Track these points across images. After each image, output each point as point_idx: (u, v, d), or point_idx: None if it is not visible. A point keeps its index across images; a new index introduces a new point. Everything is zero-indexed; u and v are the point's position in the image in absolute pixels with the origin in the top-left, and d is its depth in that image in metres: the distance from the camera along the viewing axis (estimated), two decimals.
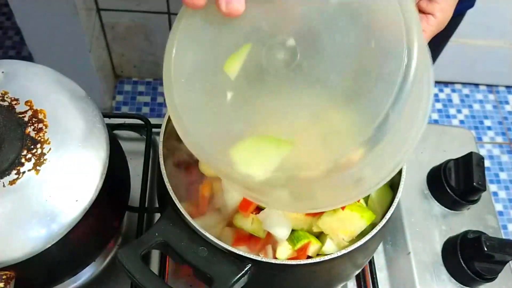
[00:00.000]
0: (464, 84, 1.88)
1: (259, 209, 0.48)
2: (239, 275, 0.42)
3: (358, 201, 0.50)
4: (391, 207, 0.46)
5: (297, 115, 0.37)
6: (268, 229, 0.46)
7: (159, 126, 0.51)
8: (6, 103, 0.46)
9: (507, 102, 1.86)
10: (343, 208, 0.47)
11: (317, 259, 0.43)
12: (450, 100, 1.85)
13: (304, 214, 0.48)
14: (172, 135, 0.54)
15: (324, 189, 0.39)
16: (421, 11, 0.45)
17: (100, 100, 1.62)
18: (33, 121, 0.46)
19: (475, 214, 0.66)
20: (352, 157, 0.35)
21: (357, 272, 0.53)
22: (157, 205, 0.61)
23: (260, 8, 0.38)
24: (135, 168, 0.65)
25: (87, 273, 0.59)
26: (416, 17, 0.34)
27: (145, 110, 1.73)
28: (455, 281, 0.60)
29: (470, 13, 0.76)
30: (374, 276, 0.58)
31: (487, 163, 1.71)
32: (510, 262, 0.61)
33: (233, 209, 0.49)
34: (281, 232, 0.46)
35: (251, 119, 0.38)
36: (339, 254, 0.43)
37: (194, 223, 0.43)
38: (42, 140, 0.45)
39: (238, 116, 0.38)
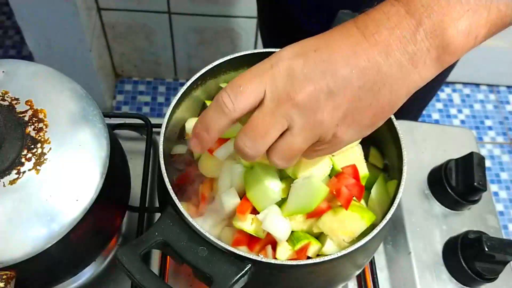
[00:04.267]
0: (465, 84, 1.88)
1: (256, 211, 0.48)
2: (239, 275, 0.42)
3: (359, 201, 0.50)
4: (391, 207, 0.46)
5: None
6: (268, 230, 0.46)
7: (159, 125, 0.51)
8: (6, 103, 0.46)
9: (508, 102, 1.85)
10: (346, 208, 0.47)
11: (317, 260, 0.43)
12: (451, 100, 1.84)
13: (305, 215, 0.48)
14: (172, 134, 0.54)
15: None
16: None
17: (100, 99, 1.62)
18: (34, 121, 0.46)
19: (475, 214, 0.66)
20: None
21: (357, 272, 0.53)
22: (157, 205, 0.61)
23: None
24: (135, 167, 0.65)
25: (87, 273, 0.59)
26: None
27: (146, 109, 1.73)
28: (455, 281, 0.60)
29: None
30: (375, 276, 0.58)
31: (487, 163, 1.71)
32: (511, 262, 0.61)
33: (231, 210, 0.49)
34: (280, 233, 0.46)
35: None
36: (339, 254, 0.43)
37: (194, 223, 0.43)
38: (42, 139, 0.45)
39: None
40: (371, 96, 0.38)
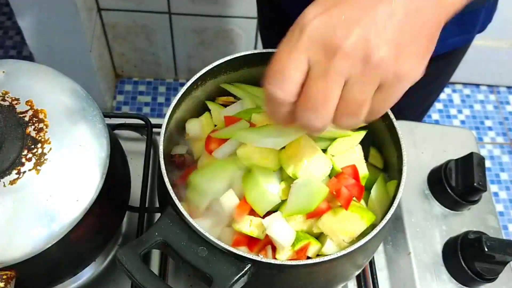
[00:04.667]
0: (465, 84, 1.88)
1: (254, 212, 0.48)
2: (239, 275, 0.42)
3: (359, 202, 0.50)
4: (391, 208, 0.46)
5: None
6: (272, 235, 0.46)
7: (159, 126, 0.51)
8: (6, 103, 0.47)
9: (508, 103, 1.86)
10: (346, 208, 0.47)
11: (317, 260, 0.43)
12: (451, 101, 1.85)
13: (305, 215, 0.48)
14: (172, 135, 0.54)
15: None
16: None
17: (100, 100, 1.63)
18: (34, 121, 0.46)
19: (475, 215, 0.66)
20: None
21: (357, 273, 0.53)
22: (157, 205, 0.61)
23: None
24: (136, 168, 0.65)
25: (87, 273, 0.59)
26: None
27: (146, 110, 1.73)
28: (455, 281, 0.60)
29: None
30: (375, 276, 0.58)
31: (487, 163, 1.71)
32: (511, 262, 0.61)
33: (231, 211, 0.48)
34: (284, 239, 0.46)
35: None
36: (339, 254, 0.43)
37: (194, 223, 0.43)
38: (42, 140, 0.45)
39: None
40: (418, 20, 0.36)
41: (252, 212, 0.48)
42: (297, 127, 0.40)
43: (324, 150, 0.50)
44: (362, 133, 0.53)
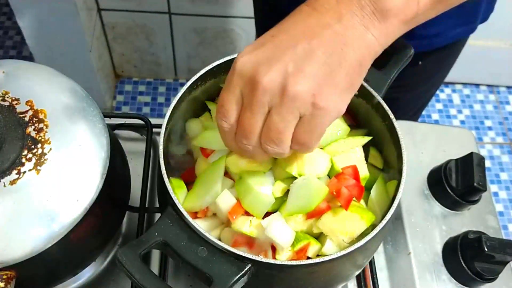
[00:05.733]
0: (465, 84, 1.88)
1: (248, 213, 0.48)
2: (239, 275, 0.42)
3: (358, 201, 0.50)
4: (391, 208, 0.46)
5: None
6: (271, 237, 0.46)
7: (159, 126, 0.51)
8: (6, 103, 0.47)
9: (507, 103, 1.86)
10: (346, 208, 0.47)
11: (317, 260, 0.43)
12: (450, 101, 1.85)
13: (304, 215, 0.48)
14: (172, 135, 0.55)
15: None
16: None
17: (100, 100, 1.63)
18: (34, 121, 0.46)
19: (475, 215, 0.66)
20: None
21: (357, 273, 0.53)
22: (157, 205, 0.61)
23: None
24: (136, 168, 0.65)
25: (87, 273, 0.59)
26: None
27: (146, 110, 1.73)
28: (455, 281, 0.60)
29: None
30: (375, 276, 0.58)
31: (487, 163, 1.71)
32: (511, 262, 0.61)
33: (227, 213, 0.48)
34: (283, 240, 0.46)
35: None
36: (339, 255, 0.43)
37: (194, 223, 0.43)
38: (42, 140, 0.45)
39: None
40: (337, 57, 0.39)
41: (244, 214, 0.48)
42: None
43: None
44: (366, 138, 0.53)
